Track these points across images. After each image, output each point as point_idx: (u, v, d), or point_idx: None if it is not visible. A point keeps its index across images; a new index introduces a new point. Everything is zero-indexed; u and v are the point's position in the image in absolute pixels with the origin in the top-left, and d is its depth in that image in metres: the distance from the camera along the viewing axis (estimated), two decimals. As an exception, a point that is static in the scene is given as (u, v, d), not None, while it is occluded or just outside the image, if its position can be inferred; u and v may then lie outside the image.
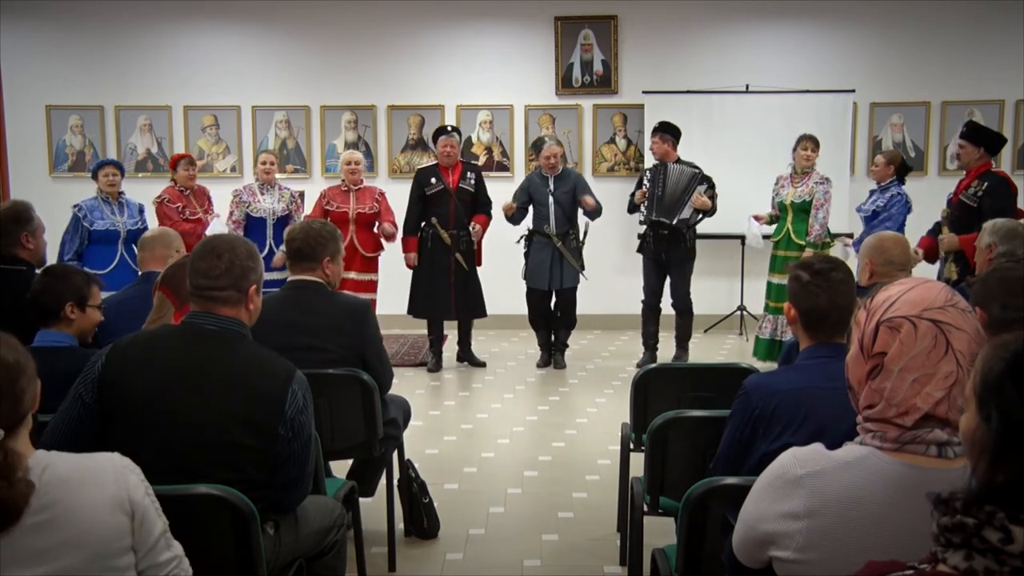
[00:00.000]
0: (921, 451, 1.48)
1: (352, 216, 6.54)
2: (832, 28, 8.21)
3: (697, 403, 3.22)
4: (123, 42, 8.40)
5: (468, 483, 4.53)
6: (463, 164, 6.80)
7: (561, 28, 8.27)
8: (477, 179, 6.78)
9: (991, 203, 5.21)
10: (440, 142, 6.72)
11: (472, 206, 6.73)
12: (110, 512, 1.62)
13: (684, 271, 6.77)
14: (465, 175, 6.73)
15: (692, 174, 6.60)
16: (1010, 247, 3.79)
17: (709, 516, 2.12)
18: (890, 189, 6.25)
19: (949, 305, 1.50)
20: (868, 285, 3.32)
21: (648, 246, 6.77)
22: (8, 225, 3.81)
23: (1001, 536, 1.07)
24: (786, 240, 6.55)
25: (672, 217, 6.58)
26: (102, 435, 2.20)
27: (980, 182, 5.45)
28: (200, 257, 2.35)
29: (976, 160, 5.58)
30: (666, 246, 6.67)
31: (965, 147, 5.65)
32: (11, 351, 1.61)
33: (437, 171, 6.69)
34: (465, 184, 6.70)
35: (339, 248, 3.53)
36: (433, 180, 6.65)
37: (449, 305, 6.72)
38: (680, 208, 6.58)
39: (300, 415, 2.29)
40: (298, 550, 2.48)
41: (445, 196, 6.63)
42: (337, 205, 6.56)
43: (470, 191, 6.71)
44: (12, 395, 1.59)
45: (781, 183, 6.64)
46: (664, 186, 6.60)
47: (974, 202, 5.37)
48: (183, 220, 6.25)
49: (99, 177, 6.06)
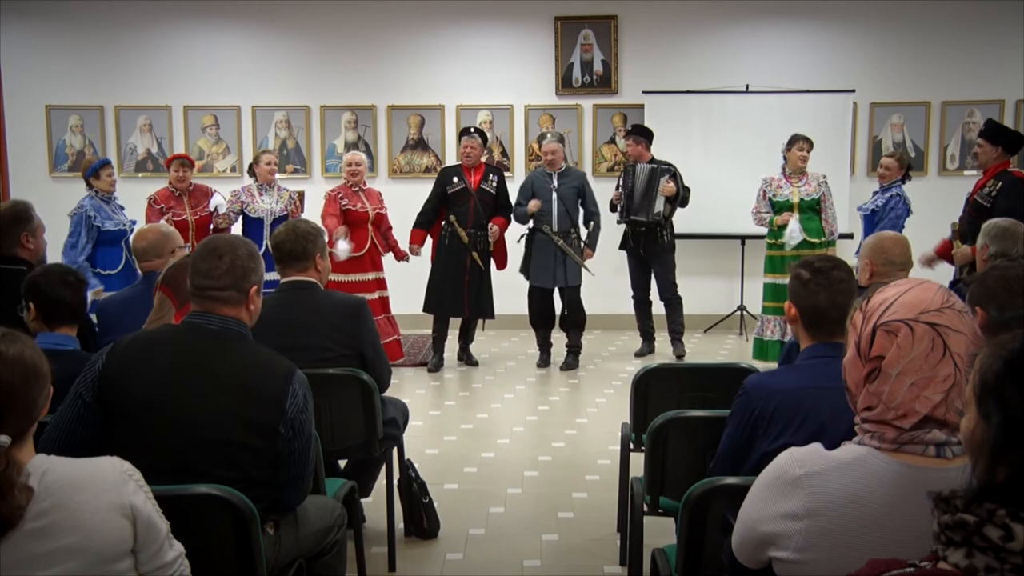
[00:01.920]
0: (920, 451, 1.49)
1: (372, 217, 6.60)
2: (832, 28, 8.21)
3: (697, 403, 3.22)
4: (123, 42, 8.40)
5: (468, 483, 4.53)
6: (486, 166, 6.87)
7: (561, 28, 8.27)
8: (499, 182, 6.85)
9: (1004, 203, 5.12)
10: (461, 143, 6.82)
11: (493, 208, 6.78)
12: (110, 517, 1.62)
13: (666, 263, 7.05)
14: (487, 177, 6.79)
15: (651, 169, 6.85)
16: (1001, 247, 3.77)
17: (709, 516, 2.12)
18: (890, 190, 6.24)
19: (946, 307, 1.50)
20: (868, 285, 3.31)
21: (628, 243, 7.11)
22: (9, 225, 3.81)
23: (1002, 534, 1.07)
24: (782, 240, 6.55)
25: (647, 214, 6.85)
26: (101, 435, 2.20)
27: (995, 182, 5.38)
28: (201, 257, 2.35)
29: (994, 159, 5.51)
30: (644, 242, 6.98)
31: (983, 146, 5.59)
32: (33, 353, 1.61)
33: (460, 171, 6.75)
34: (486, 185, 6.75)
35: (326, 244, 3.56)
36: (455, 179, 6.71)
37: (462, 303, 6.76)
38: (651, 204, 6.82)
39: (300, 414, 2.29)
40: (298, 550, 2.48)
41: (465, 195, 6.67)
42: (356, 205, 6.60)
43: (491, 192, 6.77)
44: (27, 401, 1.60)
45: (776, 184, 6.62)
46: (633, 186, 6.89)
47: (988, 202, 5.29)
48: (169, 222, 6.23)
49: (101, 177, 6.05)
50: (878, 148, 8.21)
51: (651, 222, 6.87)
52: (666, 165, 6.90)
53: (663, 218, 6.89)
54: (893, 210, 6.16)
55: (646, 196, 6.85)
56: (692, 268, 7.79)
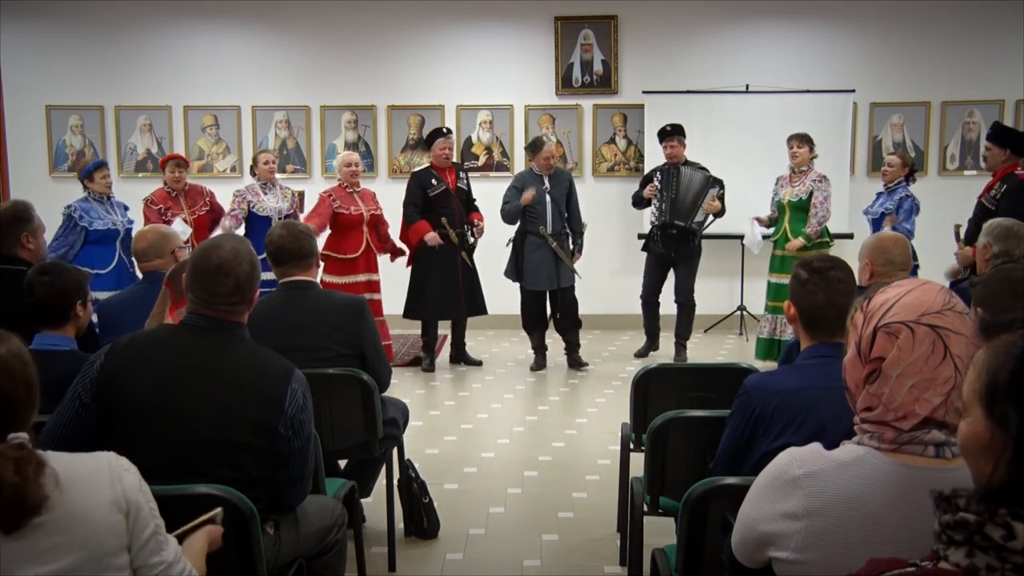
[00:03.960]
0: (919, 451, 1.49)
1: (367, 218, 6.57)
2: (832, 28, 8.21)
3: (697, 403, 3.22)
4: (123, 42, 8.40)
5: (468, 483, 4.53)
6: (455, 165, 6.89)
7: (561, 28, 8.27)
8: (468, 178, 6.91)
9: (1008, 206, 5.09)
10: (438, 144, 6.71)
11: (467, 205, 6.81)
12: (107, 511, 1.62)
13: (691, 267, 6.88)
14: (459, 175, 6.82)
15: (704, 178, 6.67)
16: (1004, 247, 3.77)
17: (709, 516, 2.12)
18: (897, 191, 6.15)
19: (947, 309, 1.50)
20: (868, 285, 3.31)
21: (656, 244, 6.84)
22: (9, 225, 3.80)
23: (1003, 533, 1.07)
24: (783, 240, 6.56)
25: (686, 220, 6.67)
26: (100, 435, 2.20)
27: (1001, 184, 5.38)
28: (203, 275, 2.32)
29: (1002, 162, 5.49)
30: (676, 244, 6.75)
31: (991, 148, 5.57)
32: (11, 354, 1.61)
33: (434, 172, 6.71)
34: (462, 184, 6.79)
35: (317, 243, 3.60)
36: (434, 182, 6.67)
37: (458, 305, 6.75)
38: (693, 212, 6.66)
39: (300, 413, 2.29)
40: (298, 550, 2.48)
41: (447, 196, 6.66)
42: (349, 208, 6.53)
43: (466, 190, 6.81)
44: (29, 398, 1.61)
45: (780, 183, 6.65)
46: (677, 190, 6.67)
47: (993, 205, 5.28)
48: (165, 222, 6.22)
49: (95, 179, 6.03)
50: (878, 148, 8.21)
51: (688, 229, 6.69)
52: (706, 170, 6.70)
53: (701, 227, 6.74)
54: (906, 212, 6.03)
55: (692, 205, 6.66)
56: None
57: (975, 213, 5.42)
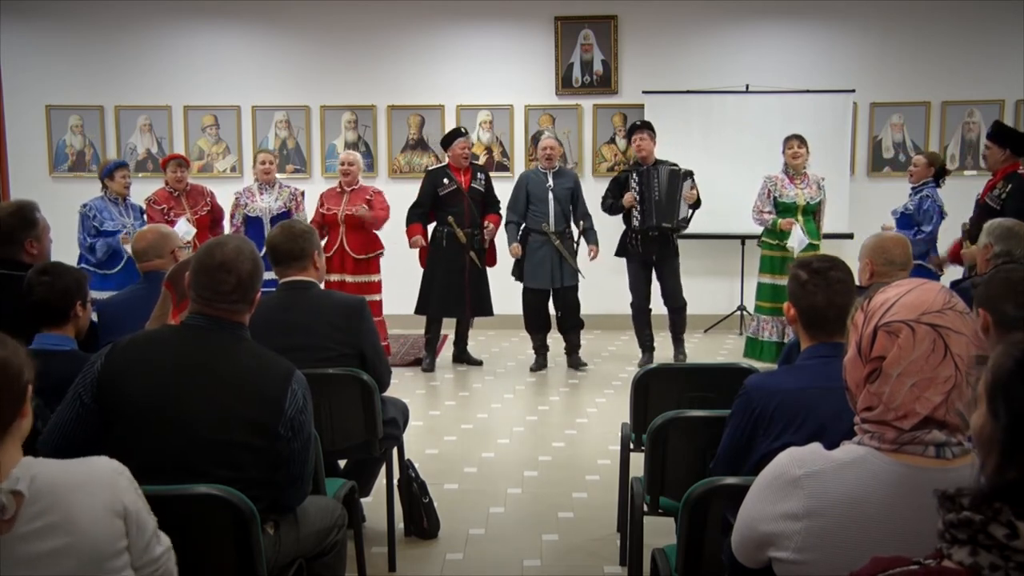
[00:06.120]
0: (919, 451, 1.49)
1: (341, 218, 6.54)
2: (832, 28, 8.21)
3: (697, 403, 3.22)
4: (123, 42, 8.40)
5: (468, 483, 4.53)
6: (473, 166, 6.88)
7: (561, 28, 8.27)
8: (486, 179, 6.89)
9: (1014, 206, 5.06)
10: (458, 144, 6.73)
11: (483, 206, 6.80)
12: (104, 517, 1.62)
13: (674, 268, 6.81)
14: (475, 175, 6.81)
15: (673, 172, 6.62)
16: (1005, 247, 3.77)
17: (709, 516, 2.12)
18: (921, 191, 6.05)
19: (947, 308, 1.50)
20: (868, 285, 3.31)
21: (635, 248, 6.75)
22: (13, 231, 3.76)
23: (1007, 532, 1.08)
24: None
25: (672, 220, 6.60)
26: (100, 436, 2.20)
27: (1005, 184, 5.36)
28: (206, 272, 2.33)
29: (1002, 161, 5.47)
30: (656, 247, 6.68)
31: (991, 148, 5.55)
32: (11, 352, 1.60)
33: (448, 171, 6.73)
34: (476, 184, 6.78)
35: (320, 242, 3.59)
36: (445, 180, 6.70)
37: (463, 304, 6.76)
38: (676, 209, 6.61)
39: (300, 414, 2.29)
40: (298, 550, 2.48)
41: (458, 196, 6.68)
42: (328, 208, 6.59)
43: (481, 191, 6.80)
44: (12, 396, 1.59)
45: (780, 184, 6.61)
46: (658, 190, 6.59)
47: (997, 204, 5.26)
48: (168, 222, 6.24)
49: (116, 178, 6.12)
50: (878, 148, 8.22)
51: (673, 228, 6.62)
52: (675, 166, 6.65)
53: (686, 222, 6.66)
54: (926, 213, 5.98)
55: (671, 201, 6.59)
56: (692, 268, 7.77)
57: (979, 213, 5.42)
